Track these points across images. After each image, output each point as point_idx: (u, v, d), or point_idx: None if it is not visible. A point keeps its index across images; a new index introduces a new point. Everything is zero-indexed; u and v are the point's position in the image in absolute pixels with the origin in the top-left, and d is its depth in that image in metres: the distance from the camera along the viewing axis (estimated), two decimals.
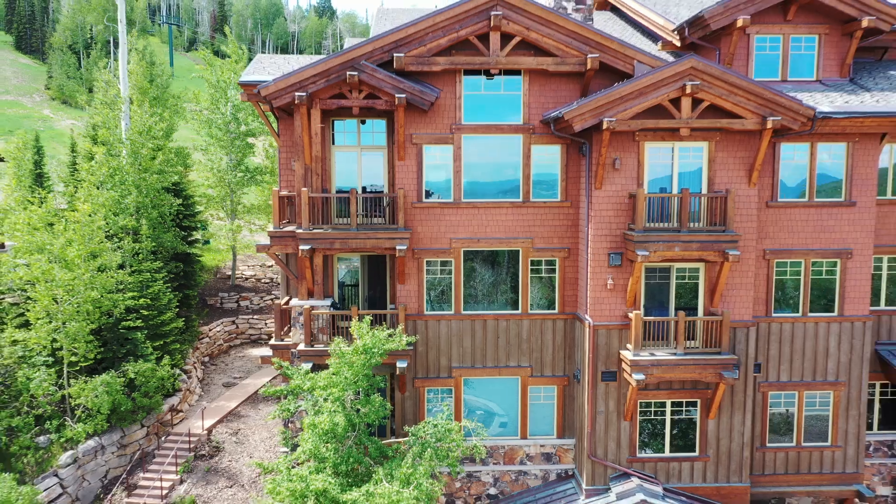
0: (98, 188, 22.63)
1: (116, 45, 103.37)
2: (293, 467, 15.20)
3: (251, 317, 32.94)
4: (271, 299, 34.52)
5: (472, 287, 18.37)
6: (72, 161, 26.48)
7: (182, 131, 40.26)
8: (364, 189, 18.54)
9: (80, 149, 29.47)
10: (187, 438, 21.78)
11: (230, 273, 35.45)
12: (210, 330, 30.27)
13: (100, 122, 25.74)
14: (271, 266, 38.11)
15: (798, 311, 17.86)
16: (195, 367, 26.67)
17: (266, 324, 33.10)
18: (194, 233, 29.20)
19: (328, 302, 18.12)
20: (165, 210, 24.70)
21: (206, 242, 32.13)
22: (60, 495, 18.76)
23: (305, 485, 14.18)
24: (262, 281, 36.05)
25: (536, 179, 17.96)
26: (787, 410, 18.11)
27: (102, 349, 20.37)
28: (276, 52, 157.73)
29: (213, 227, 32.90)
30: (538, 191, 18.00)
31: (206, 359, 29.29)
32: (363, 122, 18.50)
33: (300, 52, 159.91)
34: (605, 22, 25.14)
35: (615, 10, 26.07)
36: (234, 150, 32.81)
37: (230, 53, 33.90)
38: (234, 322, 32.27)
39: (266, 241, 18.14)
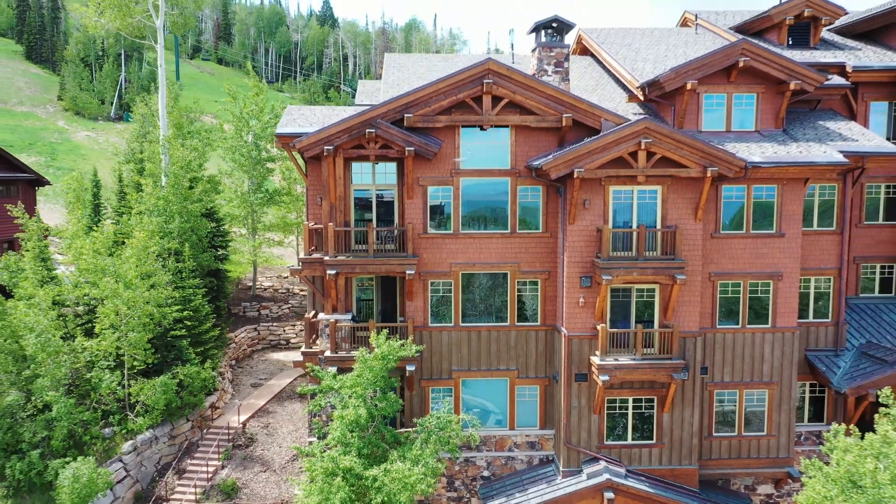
0: (147, 216, 26.30)
1: (128, 58, 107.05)
2: (324, 451, 18.89)
3: (271, 324, 36.62)
4: (288, 308, 38.19)
5: (468, 303, 22.04)
6: (119, 190, 30.13)
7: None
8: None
9: (124, 177, 33.06)
10: (226, 431, 25.48)
11: (251, 284, 39.10)
12: (236, 336, 33.92)
13: (145, 157, 29.38)
14: (287, 277, 41.78)
15: (738, 323, 21.56)
16: (226, 370, 30.34)
17: (284, 330, 36.77)
18: (223, 250, 32.82)
19: (349, 316, 21.81)
20: (202, 233, 28.38)
21: (227, 257, 35.66)
22: (125, 477, 22.41)
23: (335, 464, 17.88)
24: (280, 291, 39.72)
25: (521, 214, 21.64)
26: (730, 406, 21.81)
27: (156, 355, 24.02)
28: (279, 61, 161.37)
29: (236, 242, 36.44)
30: (523, 223, 21.68)
31: (233, 362, 32.93)
32: (377, 164, 22.12)
33: (303, 59, 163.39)
34: (585, 68, 28.86)
35: (595, 56, 29.71)
36: (255, 174, 36.49)
37: (251, 86, 37.42)
38: (256, 329, 35.95)
39: (280, 252, 21.62)
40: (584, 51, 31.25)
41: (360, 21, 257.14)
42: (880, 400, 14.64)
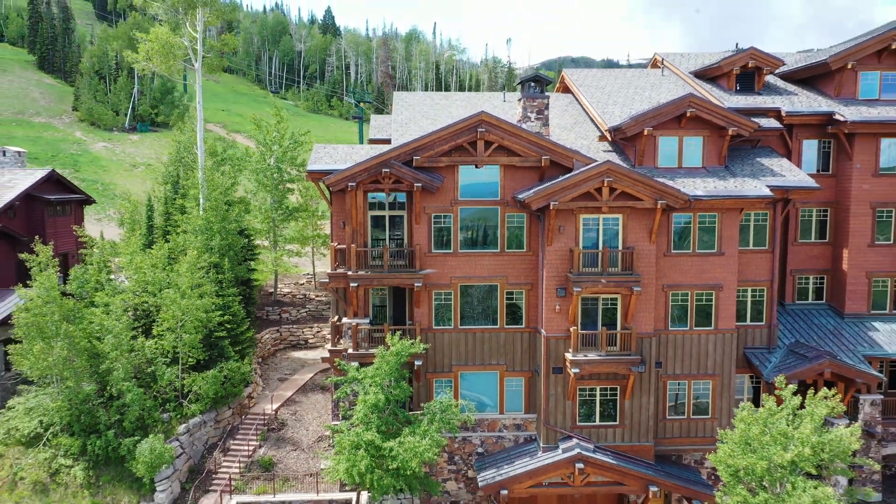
0: (193, 234, 30.96)
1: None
2: (350, 429, 23.56)
3: (291, 326, 41.29)
4: (306, 312, 42.84)
5: (466, 309, 26.68)
6: (164, 211, 34.75)
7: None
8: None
9: (160, 197, 37.79)
10: (261, 417, 30.14)
11: (272, 290, 43.76)
12: (261, 337, 38.55)
13: (189, 184, 34.07)
14: (303, 284, 46.47)
15: (687, 326, 26.22)
16: (256, 366, 34.99)
17: (303, 332, 41.42)
18: (252, 263, 37.49)
19: (367, 320, 26.48)
20: (237, 248, 33.05)
21: (255, 269, 40.26)
22: (181, 454, 27.00)
23: (360, 438, 22.57)
24: (297, 297, 44.39)
25: (509, 236, 26.30)
26: (681, 394, 26.49)
27: (205, 352, 28.66)
28: (283, 69, 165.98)
29: (260, 253, 41.04)
30: (510, 244, 26.34)
31: (260, 360, 37.55)
32: (389, 193, 26.75)
33: (305, 67, 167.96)
34: (566, 106, 33.57)
35: (575, 95, 34.36)
36: (276, 193, 41.18)
37: (273, 115, 42.04)
38: (278, 331, 40.60)
39: (297, 261, 25.86)
40: (566, 89, 35.97)
41: (361, 28, 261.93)
42: (776, 384, 19.30)
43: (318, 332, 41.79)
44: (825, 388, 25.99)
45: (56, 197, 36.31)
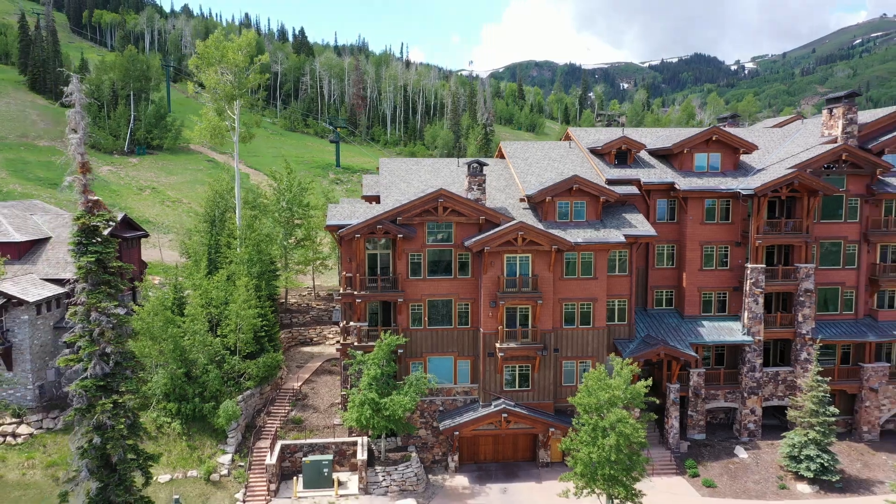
0: (238, 264, 44.08)
1: (137, 99, 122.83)
2: (358, 392, 37.11)
3: (300, 328, 54.51)
4: (310, 317, 56.09)
5: (432, 314, 40.41)
6: (215, 243, 47.63)
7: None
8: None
9: (198, 228, 50.96)
10: (291, 391, 43.42)
11: (282, 301, 56.91)
12: (280, 336, 51.72)
13: (232, 228, 47.23)
14: (305, 295, 59.67)
15: (574, 325, 40.41)
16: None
17: (309, 332, 54.65)
18: (275, 282, 50.72)
19: (366, 323, 40.07)
20: (268, 273, 46.25)
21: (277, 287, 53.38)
22: (241, 415, 40.21)
23: (365, 396, 36.18)
24: (302, 306, 57.58)
25: (460, 267, 40.14)
26: (571, 369, 40.63)
27: (254, 346, 41.87)
28: (259, 89, 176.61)
29: (280, 275, 54.21)
30: (460, 272, 40.19)
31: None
32: (380, 240, 40.34)
33: (281, 86, 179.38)
34: (501, 171, 47.65)
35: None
36: (287, 227, 54.42)
37: (285, 168, 55.21)
38: (290, 332, 53.81)
39: (302, 277, 39.09)
40: (503, 155, 50.05)
41: (331, 40, 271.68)
42: (609, 358, 33.54)
43: (319, 332, 55.06)
44: (666, 365, 40.63)
45: (128, 234, 49.01)
